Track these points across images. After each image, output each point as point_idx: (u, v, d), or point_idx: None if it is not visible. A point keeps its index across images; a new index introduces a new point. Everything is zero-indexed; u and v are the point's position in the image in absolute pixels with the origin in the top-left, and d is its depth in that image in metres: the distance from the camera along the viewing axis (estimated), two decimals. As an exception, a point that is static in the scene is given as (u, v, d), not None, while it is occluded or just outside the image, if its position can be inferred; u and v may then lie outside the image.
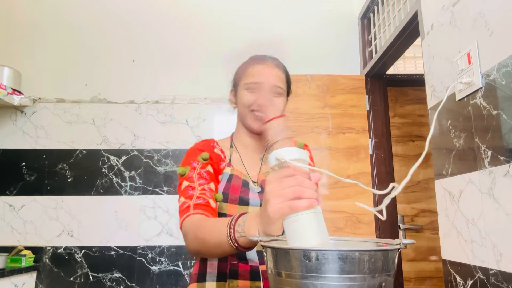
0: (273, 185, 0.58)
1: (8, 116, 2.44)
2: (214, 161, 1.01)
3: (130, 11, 2.63)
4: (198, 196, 0.91)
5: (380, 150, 2.39)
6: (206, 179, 0.96)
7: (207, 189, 0.94)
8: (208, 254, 0.82)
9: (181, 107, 2.49)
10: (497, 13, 1.07)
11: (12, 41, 2.57)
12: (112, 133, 2.45)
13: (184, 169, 0.97)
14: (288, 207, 0.56)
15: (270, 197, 0.58)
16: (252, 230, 0.64)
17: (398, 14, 2.02)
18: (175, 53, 2.58)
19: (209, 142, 1.06)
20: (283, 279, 0.49)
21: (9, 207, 2.33)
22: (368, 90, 2.45)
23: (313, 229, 0.55)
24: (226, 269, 0.95)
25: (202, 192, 0.92)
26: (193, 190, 0.93)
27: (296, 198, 0.56)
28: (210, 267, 0.97)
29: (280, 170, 0.59)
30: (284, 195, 0.57)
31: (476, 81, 1.14)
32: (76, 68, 2.55)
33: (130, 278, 2.27)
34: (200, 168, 0.98)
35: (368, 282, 0.46)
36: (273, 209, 0.57)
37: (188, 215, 0.87)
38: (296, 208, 0.56)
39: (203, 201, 0.90)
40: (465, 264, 1.20)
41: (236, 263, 0.95)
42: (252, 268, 0.95)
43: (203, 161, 0.99)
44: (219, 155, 1.04)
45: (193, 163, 0.98)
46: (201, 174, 0.96)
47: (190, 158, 1.00)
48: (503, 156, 1.03)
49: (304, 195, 0.56)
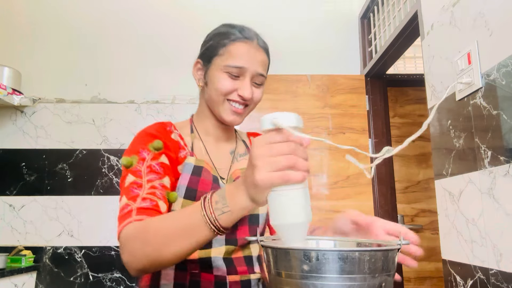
0: (263, 150, 0.51)
1: (8, 116, 2.44)
2: (170, 149, 0.81)
3: (130, 11, 2.63)
4: (144, 197, 0.71)
5: (380, 150, 2.39)
6: (158, 173, 0.76)
7: (159, 186, 0.74)
8: (168, 258, 0.61)
9: (181, 107, 2.49)
10: (497, 13, 1.07)
11: (12, 41, 2.57)
12: (112, 133, 2.45)
13: (129, 160, 0.76)
14: (280, 178, 0.49)
15: (259, 163, 0.50)
16: (239, 201, 0.56)
17: (398, 14, 2.02)
18: (175, 53, 2.58)
19: (164, 125, 0.87)
20: (283, 279, 0.49)
21: (9, 207, 2.33)
22: (368, 90, 2.45)
23: (301, 205, 0.51)
24: (185, 279, 0.77)
25: (151, 190, 0.73)
26: (139, 188, 0.72)
27: (288, 168, 0.50)
28: (165, 277, 0.79)
29: (272, 133, 0.52)
30: (275, 163, 0.50)
31: (476, 81, 1.14)
32: (76, 68, 2.55)
33: (130, 278, 2.26)
34: (151, 159, 0.77)
35: (368, 282, 0.46)
36: (261, 177, 0.50)
37: (128, 222, 0.67)
38: (289, 180, 0.49)
39: (150, 204, 0.70)
40: (465, 264, 1.20)
41: (197, 273, 0.78)
42: (217, 278, 0.78)
43: (155, 151, 0.78)
44: (178, 142, 0.85)
45: (142, 153, 0.77)
46: (152, 167, 0.76)
47: (138, 145, 0.79)
48: (503, 156, 1.03)
49: (298, 165, 0.50)
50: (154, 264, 0.62)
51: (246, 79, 0.83)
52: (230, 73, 0.83)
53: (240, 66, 0.82)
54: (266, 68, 0.88)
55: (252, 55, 0.83)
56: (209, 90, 0.87)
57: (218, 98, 0.85)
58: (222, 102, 0.85)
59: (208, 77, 0.87)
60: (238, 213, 0.57)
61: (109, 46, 2.59)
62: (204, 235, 0.59)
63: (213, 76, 0.85)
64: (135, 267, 0.63)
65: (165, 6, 2.65)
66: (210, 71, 0.86)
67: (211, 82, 0.85)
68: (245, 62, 0.82)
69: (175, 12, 2.64)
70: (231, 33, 0.85)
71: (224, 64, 0.83)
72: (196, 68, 0.92)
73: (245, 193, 0.55)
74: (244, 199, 0.55)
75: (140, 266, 0.63)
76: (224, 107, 0.85)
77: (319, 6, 2.68)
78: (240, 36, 0.84)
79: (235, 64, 0.82)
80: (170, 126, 0.88)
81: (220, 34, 0.87)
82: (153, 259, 0.61)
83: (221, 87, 0.83)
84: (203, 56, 0.90)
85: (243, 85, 0.83)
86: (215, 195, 0.59)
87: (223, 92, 0.83)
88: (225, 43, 0.84)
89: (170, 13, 2.64)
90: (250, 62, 0.83)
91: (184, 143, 0.87)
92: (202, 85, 0.90)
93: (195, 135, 0.91)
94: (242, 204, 0.56)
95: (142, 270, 0.64)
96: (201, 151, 0.88)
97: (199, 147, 0.88)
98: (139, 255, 0.62)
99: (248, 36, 0.85)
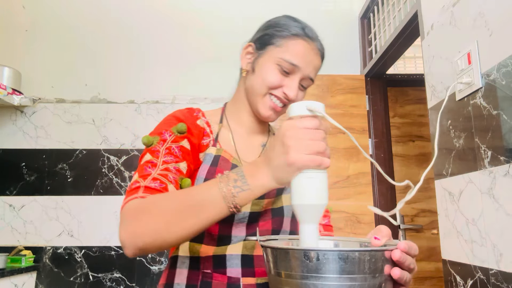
0: (299, 132, 0.52)
1: (8, 116, 2.44)
2: (194, 134, 0.79)
3: (130, 11, 2.63)
4: (155, 178, 0.68)
5: (380, 150, 2.39)
6: (177, 156, 0.73)
7: (173, 169, 0.71)
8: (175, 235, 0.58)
9: (181, 107, 2.47)
10: (497, 13, 1.07)
11: (12, 41, 2.57)
12: (112, 133, 2.45)
13: (151, 139, 0.75)
14: (313, 161, 0.51)
15: (294, 144, 0.51)
16: (260, 180, 0.56)
17: (398, 14, 2.02)
18: (175, 53, 2.58)
19: (192, 111, 0.85)
20: (282, 279, 0.49)
21: (9, 207, 2.33)
22: (368, 90, 2.45)
23: (323, 189, 0.54)
24: (196, 281, 0.74)
25: (164, 172, 0.69)
26: (153, 167, 0.70)
27: (319, 154, 0.52)
28: (179, 276, 0.76)
29: (306, 119, 0.53)
30: (310, 146, 0.51)
31: (476, 81, 1.14)
32: (76, 68, 2.55)
33: (130, 278, 2.27)
34: (172, 141, 0.75)
35: (369, 282, 0.46)
36: (297, 158, 0.51)
37: (133, 198, 0.64)
38: (321, 164, 0.51)
39: (159, 185, 0.67)
40: (465, 264, 1.20)
41: (209, 273, 0.74)
42: (230, 281, 0.73)
43: (178, 134, 0.76)
44: (203, 129, 0.82)
45: (165, 134, 0.76)
46: (171, 150, 0.73)
47: (162, 126, 0.78)
48: (503, 156, 1.03)
49: (326, 153, 0.53)
50: (158, 241, 0.58)
51: (296, 79, 0.79)
52: (282, 68, 0.78)
53: (295, 64, 0.78)
54: (317, 73, 0.84)
55: (310, 57, 0.80)
56: (254, 78, 0.82)
57: (261, 89, 0.81)
58: (263, 94, 0.81)
59: (257, 64, 0.82)
60: (257, 191, 0.57)
61: (109, 46, 2.59)
62: (218, 212, 0.57)
63: (264, 65, 0.81)
64: (133, 244, 0.59)
65: (165, 6, 2.65)
66: (262, 58, 0.82)
67: (259, 70, 0.81)
68: (301, 61, 0.79)
69: (175, 12, 2.64)
70: (293, 27, 0.81)
71: (279, 57, 0.79)
72: (246, 51, 0.87)
73: (268, 173, 0.55)
74: (266, 178, 0.55)
75: (140, 243, 0.58)
76: (264, 100, 0.82)
77: (319, 6, 2.68)
78: (303, 34, 0.80)
79: (291, 61, 0.78)
80: (198, 112, 0.85)
81: (280, 24, 0.83)
82: (157, 234, 0.58)
83: (269, 79, 0.79)
84: (257, 41, 0.85)
85: (291, 84, 0.79)
86: (232, 174, 0.58)
87: (269, 84, 0.80)
88: (285, 35, 0.80)
89: (170, 13, 2.64)
90: (306, 63, 0.79)
91: (210, 130, 0.83)
92: (247, 71, 0.85)
93: (224, 125, 0.87)
94: (263, 183, 0.56)
95: (141, 248, 0.59)
96: (227, 141, 0.84)
97: (225, 137, 0.85)
98: (141, 230, 0.59)
99: (311, 36, 0.81)
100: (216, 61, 2.56)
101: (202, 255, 0.75)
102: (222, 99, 2.49)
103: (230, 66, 2.58)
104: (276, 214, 0.80)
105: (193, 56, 2.57)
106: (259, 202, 0.77)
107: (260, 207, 0.78)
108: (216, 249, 0.75)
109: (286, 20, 0.84)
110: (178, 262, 0.78)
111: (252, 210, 0.76)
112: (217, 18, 2.63)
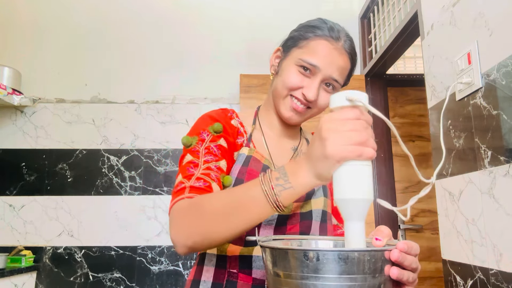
0: (337, 124, 0.50)
1: (8, 116, 2.44)
2: (229, 134, 0.80)
3: (130, 11, 2.63)
4: (199, 177, 0.70)
5: (380, 150, 2.39)
6: (216, 155, 0.75)
7: (214, 168, 0.74)
8: (222, 234, 0.60)
9: (181, 107, 2.49)
10: (497, 13, 1.07)
11: (12, 41, 2.57)
12: (112, 133, 2.45)
13: (190, 139, 0.77)
14: (353, 152, 0.49)
15: (332, 136, 0.49)
16: (301, 178, 0.54)
17: (398, 14, 2.02)
18: (175, 53, 2.58)
19: (226, 111, 0.85)
20: (282, 280, 0.49)
21: (9, 207, 2.33)
22: (368, 90, 2.45)
23: (368, 182, 0.50)
24: (222, 279, 0.75)
25: (206, 171, 0.72)
26: (195, 167, 0.73)
27: (360, 144, 0.49)
28: (206, 274, 0.78)
29: (346, 109, 0.51)
30: (349, 137, 0.49)
31: (476, 81, 1.14)
32: (76, 68, 2.55)
33: (130, 278, 2.26)
34: (210, 141, 0.77)
35: (369, 282, 0.46)
36: (335, 150, 0.49)
37: (181, 198, 0.67)
38: (362, 154, 0.49)
39: (203, 184, 0.70)
40: (465, 264, 1.20)
41: (235, 273, 0.75)
42: (255, 282, 0.74)
43: (215, 133, 0.78)
44: (237, 128, 0.84)
45: (203, 134, 0.78)
46: (210, 149, 0.76)
47: (200, 127, 0.79)
48: (503, 156, 1.03)
49: (369, 143, 0.49)
50: (206, 240, 0.60)
51: (316, 80, 0.78)
52: (302, 68, 0.78)
53: (314, 64, 0.77)
54: (344, 74, 0.82)
55: (332, 56, 0.78)
56: (277, 80, 0.83)
57: (282, 91, 0.81)
58: (285, 96, 0.81)
59: (281, 66, 0.83)
60: (300, 189, 0.55)
61: (109, 46, 2.59)
62: (262, 211, 0.57)
63: (285, 66, 0.81)
64: (184, 243, 0.62)
65: (165, 6, 2.65)
66: (285, 61, 0.83)
67: (281, 73, 0.82)
68: (320, 61, 0.77)
69: (175, 12, 2.64)
70: (318, 28, 0.80)
71: (299, 58, 0.78)
72: (275, 55, 0.88)
73: (309, 170, 0.53)
74: (308, 175, 0.54)
75: (190, 242, 0.61)
76: (285, 101, 0.82)
77: (319, 6, 2.68)
78: (326, 34, 0.79)
79: (309, 61, 0.77)
80: (232, 112, 0.86)
81: (308, 26, 0.82)
82: (205, 234, 0.60)
83: (288, 80, 0.79)
84: (284, 44, 0.86)
85: (311, 85, 0.78)
86: (274, 172, 0.57)
87: (288, 86, 0.80)
88: (308, 37, 0.80)
89: (170, 13, 2.64)
90: (327, 63, 0.77)
91: (244, 130, 0.84)
92: (274, 74, 0.87)
93: (257, 127, 0.88)
94: (305, 181, 0.54)
95: (191, 247, 0.62)
96: (260, 142, 0.85)
97: (258, 138, 0.86)
98: (190, 230, 0.61)
99: (334, 35, 0.79)
100: (216, 61, 2.56)
101: (229, 254, 0.76)
102: (222, 99, 2.49)
103: (230, 66, 2.59)
104: (304, 217, 0.80)
105: (193, 56, 2.57)
106: (288, 205, 0.77)
107: (289, 210, 0.78)
108: (243, 249, 0.76)
109: (315, 22, 0.83)
110: (206, 260, 0.79)
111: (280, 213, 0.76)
112: (217, 17, 2.63)
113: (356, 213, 0.50)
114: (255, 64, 2.49)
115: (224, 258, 0.77)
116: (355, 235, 0.50)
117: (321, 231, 0.82)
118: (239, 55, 2.56)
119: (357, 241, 0.50)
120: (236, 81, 2.41)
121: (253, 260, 0.74)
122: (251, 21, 2.61)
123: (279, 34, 0.89)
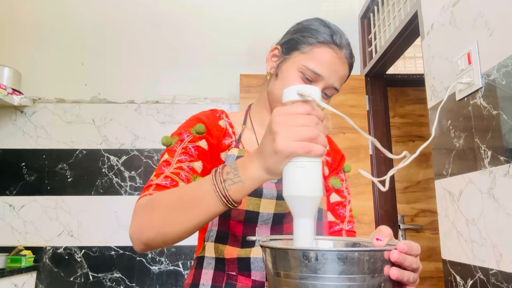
0: (287, 118, 0.49)
1: (8, 116, 2.44)
2: (213, 135, 0.80)
3: (130, 11, 2.63)
4: (167, 176, 0.70)
5: (380, 150, 2.39)
6: (192, 155, 0.75)
7: (186, 168, 0.72)
8: (174, 229, 0.59)
9: (181, 107, 2.49)
10: (497, 13, 1.07)
11: (13, 41, 2.57)
12: (112, 133, 2.45)
13: (169, 139, 0.77)
14: (302, 148, 0.48)
15: (281, 130, 0.48)
16: (251, 172, 0.53)
17: (398, 14, 2.02)
18: (175, 53, 2.58)
19: (215, 112, 0.85)
20: (282, 280, 0.49)
21: (9, 207, 2.33)
22: (368, 90, 2.45)
23: (316, 179, 0.50)
24: (221, 282, 0.75)
25: (176, 170, 0.71)
26: (167, 166, 0.72)
27: (310, 140, 0.48)
28: (204, 277, 0.77)
29: (296, 104, 0.50)
30: (298, 132, 0.48)
31: (476, 81, 1.14)
32: (76, 68, 2.55)
33: (130, 278, 2.27)
34: (189, 141, 0.76)
35: (368, 282, 0.46)
36: (283, 144, 0.48)
37: (143, 195, 0.67)
38: (310, 151, 0.48)
39: (169, 183, 0.69)
40: (465, 264, 1.20)
41: (234, 275, 0.75)
42: (255, 284, 0.74)
43: (196, 134, 0.78)
44: (224, 129, 0.83)
45: (183, 134, 0.78)
46: (188, 149, 0.75)
47: (183, 127, 0.80)
48: (503, 156, 1.03)
49: (319, 140, 0.49)
50: (160, 236, 0.60)
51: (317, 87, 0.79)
52: (305, 76, 0.76)
53: (319, 73, 0.76)
54: (342, 82, 0.81)
55: (335, 66, 0.77)
56: (276, 83, 0.81)
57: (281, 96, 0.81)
58: None
59: (280, 68, 0.81)
60: (249, 183, 0.54)
61: (109, 46, 2.59)
62: (212, 206, 0.56)
63: (287, 71, 0.79)
64: (139, 238, 0.61)
65: (165, 6, 2.65)
66: (286, 63, 0.80)
67: (282, 76, 0.80)
68: (325, 71, 0.76)
69: (175, 12, 2.64)
70: (321, 33, 0.78)
71: (303, 64, 0.76)
72: (272, 53, 0.85)
73: (259, 163, 0.53)
74: (257, 169, 0.53)
75: (144, 238, 0.61)
76: None
77: (319, 6, 2.68)
78: (330, 41, 0.77)
79: (315, 70, 0.75)
80: (221, 113, 0.85)
81: (309, 29, 0.80)
82: (157, 229, 0.60)
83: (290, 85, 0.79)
84: (284, 44, 0.83)
85: None
86: (227, 167, 0.57)
87: None
88: (311, 42, 0.77)
89: (170, 13, 2.63)
90: (330, 73, 0.76)
91: (233, 131, 0.84)
92: (272, 74, 0.84)
93: (248, 126, 0.87)
94: (254, 175, 0.53)
95: (146, 243, 0.61)
96: (250, 141, 0.84)
97: (248, 138, 0.85)
98: (145, 227, 0.61)
99: (338, 43, 0.78)
100: (216, 61, 2.56)
101: (226, 256, 0.76)
102: (222, 99, 2.49)
103: (230, 66, 2.59)
104: None
105: (193, 56, 2.57)
106: (283, 204, 0.76)
107: (285, 209, 0.77)
108: (241, 251, 0.75)
109: (316, 25, 0.80)
110: (204, 263, 0.78)
111: (276, 212, 0.76)
112: (217, 17, 2.63)
113: (303, 210, 0.50)
114: (255, 64, 2.49)
115: (223, 260, 0.76)
116: (303, 232, 0.50)
117: (317, 228, 0.81)
118: (239, 55, 2.56)
119: (306, 237, 0.50)
120: (236, 81, 2.41)
121: (251, 262, 0.74)
122: (251, 21, 2.61)
123: (279, 34, 0.89)
